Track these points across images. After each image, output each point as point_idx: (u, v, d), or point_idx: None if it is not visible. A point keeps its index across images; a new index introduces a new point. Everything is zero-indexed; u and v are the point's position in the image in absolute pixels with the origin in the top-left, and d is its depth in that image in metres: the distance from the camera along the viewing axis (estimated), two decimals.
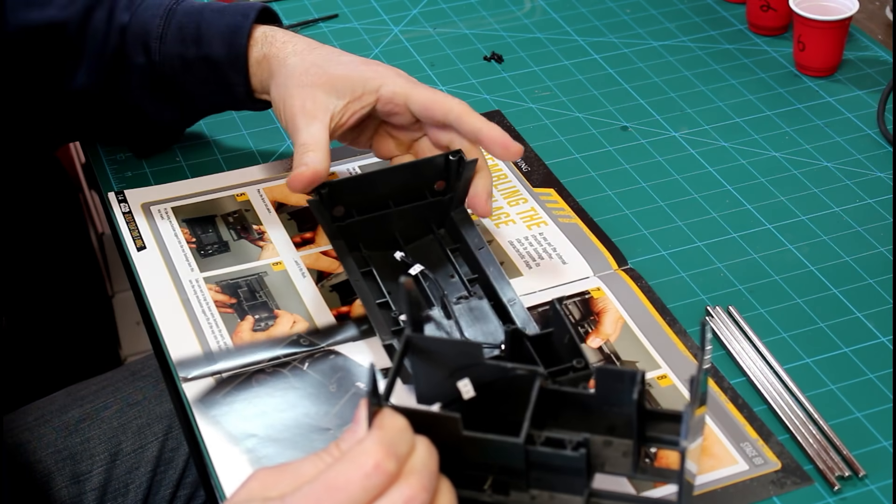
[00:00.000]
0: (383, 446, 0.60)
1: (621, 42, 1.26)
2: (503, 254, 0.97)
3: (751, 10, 1.25)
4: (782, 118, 1.14)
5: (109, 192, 1.05)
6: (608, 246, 0.98)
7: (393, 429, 0.61)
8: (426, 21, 1.30)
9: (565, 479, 0.68)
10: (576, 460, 0.66)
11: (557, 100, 1.17)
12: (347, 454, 0.60)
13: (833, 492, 0.78)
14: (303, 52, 0.95)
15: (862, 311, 0.92)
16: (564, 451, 0.67)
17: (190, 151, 1.11)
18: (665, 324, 0.90)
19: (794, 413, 0.83)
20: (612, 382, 0.69)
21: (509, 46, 1.25)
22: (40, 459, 1.06)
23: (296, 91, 0.93)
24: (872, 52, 1.22)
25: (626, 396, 0.69)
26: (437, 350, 0.70)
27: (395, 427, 0.61)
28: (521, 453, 0.66)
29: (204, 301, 0.93)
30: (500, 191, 1.04)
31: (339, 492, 0.58)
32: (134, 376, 1.13)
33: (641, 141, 1.11)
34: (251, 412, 0.83)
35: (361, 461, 0.59)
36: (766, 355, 0.87)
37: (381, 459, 0.59)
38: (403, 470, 0.60)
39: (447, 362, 0.69)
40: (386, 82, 0.94)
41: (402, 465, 0.60)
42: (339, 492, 0.58)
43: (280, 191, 1.04)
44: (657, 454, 0.80)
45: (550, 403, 0.70)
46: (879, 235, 0.99)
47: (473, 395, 0.69)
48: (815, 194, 1.04)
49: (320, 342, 0.89)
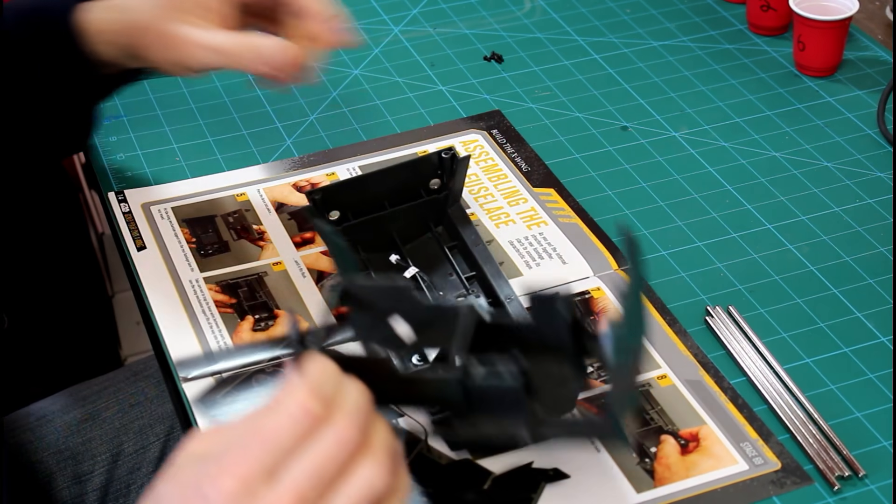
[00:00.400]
0: (308, 389, 0.59)
1: (621, 42, 1.26)
2: (503, 254, 0.97)
3: (751, 10, 1.25)
4: (782, 118, 1.14)
5: (109, 192, 1.05)
6: (608, 246, 0.98)
7: (318, 372, 0.61)
8: (426, 21, 1.30)
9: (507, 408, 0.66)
10: (514, 390, 0.65)
11: (557, 100, 1.17)
12: (274, 402, 0.60)
13: (833, 492, 0.78)
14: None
15: (862, 311, 0.92)
16: (502, 382, 0.65)
17: (190, 151, 1.11)
18: (665, 324, 0.90)
19: (794, 413, 0.83)
20: (545, 308, 0.68)
21: (509, 46, 1.25)
22: (42, 460, 1.06)
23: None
24: (872, 52, 1.22)
25: (559, 320, 0.68)
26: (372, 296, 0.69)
27: (319, 370, 0.61)
28: (458, 388, 0.65)
29: (204, 301, 0.93)
30: (500, 191, 1.04)
31: (269, 440, 0.58)
32: (136, 377, 1.13)
33: (641, 141, 1.11)
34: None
35: (288, 407, 0.59)
36: (766, 355, 0.87)
37: (307, 402, 0.59)
38: (332, 411, 0.60)
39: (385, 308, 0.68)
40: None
41: (331, 407, 0.60)
42: (269, 440, 0.58)
43: (280, 191, 1.04)
44: (657, 454, 0.80)
45: (489, 337, 0.69)
46: (879, 235, 0.99)
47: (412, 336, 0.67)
48: (815, 194, 1.04)
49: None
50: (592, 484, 0.78)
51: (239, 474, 0.58)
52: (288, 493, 0.58)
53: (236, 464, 0.58)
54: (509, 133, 1.12)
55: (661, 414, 0.83)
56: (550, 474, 0.79)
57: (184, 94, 1.19)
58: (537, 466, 0.80)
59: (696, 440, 0.81)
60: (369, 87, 1.19)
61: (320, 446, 0.59)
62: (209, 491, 0.58)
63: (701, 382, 0.85)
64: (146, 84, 1.21)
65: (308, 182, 1.05)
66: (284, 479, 0.58)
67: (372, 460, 0.60)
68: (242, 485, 0.58)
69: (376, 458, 0.60)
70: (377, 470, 0.59)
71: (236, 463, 0.58)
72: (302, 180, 1.06)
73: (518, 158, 1.08)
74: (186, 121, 1.15)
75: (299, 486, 0.58)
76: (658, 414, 0.83)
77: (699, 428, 0.82)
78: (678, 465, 0.79)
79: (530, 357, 0.69)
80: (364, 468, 0.59)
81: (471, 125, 1.13)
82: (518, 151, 1.09)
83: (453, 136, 1.11)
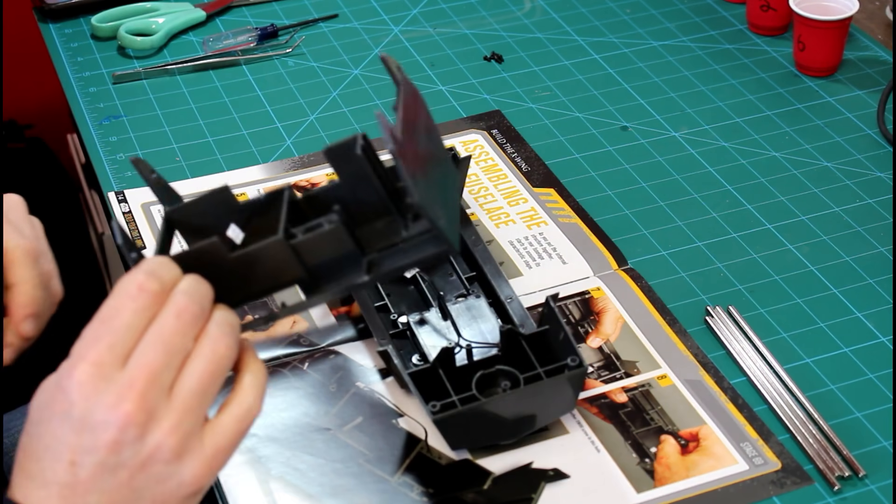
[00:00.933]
0: (143, 271, 0.62)
1: (621, 42, 1.26)
2: (503, 254, 0.97)
3: (751, 10, 1.25)
4: (782, 118, 1.14)
5: (109, 192, 1.05)
6: (608, 246, 0.98)
7: (152, 261, 0.63)
8: (426, 21, 1.30)
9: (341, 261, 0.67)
10: (336, 231, 0.66)
11: (557, 100, 1.17)
12: (112, 290, 0.63)
13: (833, 492, 0.78)
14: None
15: (862, 311, 0.92)
16: (322, 228, 0.66)
17: (190, 151, 1.11)
18: (665, 324, 0.90)
19: (794, 413, 0.83)
20: (344, 160, 0.68)
21: (509, 46, 1.25)
22: None
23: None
24: (872, 52, 1.22)
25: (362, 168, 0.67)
26: (197, 214, 0.69)
27: (153, 259, 0.64)
28: (287, 251, 0.66)
29: None
30: (500, 190, 1.04)
31: (112, 321, 0.61)
32: None
33: (641, 141, 1.11)
34: None
35: (125, 288, 0.62)
36: (766, 355, 0.87)
37: (143, 281, 0.62)
38: (170, 291, 0.62)
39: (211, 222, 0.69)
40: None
41: (168, 287, 0.62)
42: (113, 320, 0.61)
43: None
44: (657, 454, 0.80)
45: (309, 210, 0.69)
46: (879, 235, 0.99)
47: (243, 235, 0.68)
48: (815, 194, 1.04)
49: (320, 342, 0.89)
50: (592, 484, 0.78)
51: (90, 359, 0.60)
52: (140, 369, 0.60)
53: (86, 350, 0.61)
54: (509, 133, 1.12)
55: (661, 414, 0.83)
56: (550, 474, 0.79)
57: (184, 94, 1.19)
58: (537, 466, 0.80)
59: (696, 440, 0.81)
60: (369, 87, 1.19)
61: (162, 321, 0.61)
62: (66, 383, 0.60)
63: (701, 382, 0.85)
64: (146, 84, 1.21)
65: (308, 182, 1.05)
66: (134, 358, 0.60)
67: (215, 330, 0.62)
68: (96, 369, 0.60)
69: (220, 328, 0.62)
70: (221, 340, 0.62)
71: (86, 349, 0.61)
72: (302, 180, 1.06)
73: (518, 158, 1.08)
74: (186, 121, 1.16)
75: (149, 362, 0.60)
76: (658, 414, 0.83)
77: (699, 428, 0.82)
78: (678, 465, 0.79)
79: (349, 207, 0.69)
80: (207, 339, 0.62)
81: (471, 125, 1.13)
82: (518, 151, 1.09)
83: (453, 136, 1.11)
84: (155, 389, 0.60)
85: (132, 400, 0.60)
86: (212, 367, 0.62)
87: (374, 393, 0.85)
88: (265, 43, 1.26)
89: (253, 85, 1.20)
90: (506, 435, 0.81)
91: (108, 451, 0.60)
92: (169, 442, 0.60)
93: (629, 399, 0.84)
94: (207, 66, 1.23)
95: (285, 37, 1.27)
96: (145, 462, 0.60)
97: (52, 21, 1.32)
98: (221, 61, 1.24)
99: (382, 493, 0.78)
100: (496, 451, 0.81)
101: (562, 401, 0.81)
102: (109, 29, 1.28)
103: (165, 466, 0.60)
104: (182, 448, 0.60)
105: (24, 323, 0.77)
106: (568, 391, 0.80)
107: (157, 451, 0.60)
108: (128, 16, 1.29)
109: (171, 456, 0.60)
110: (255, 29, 1.26)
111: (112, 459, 0.60)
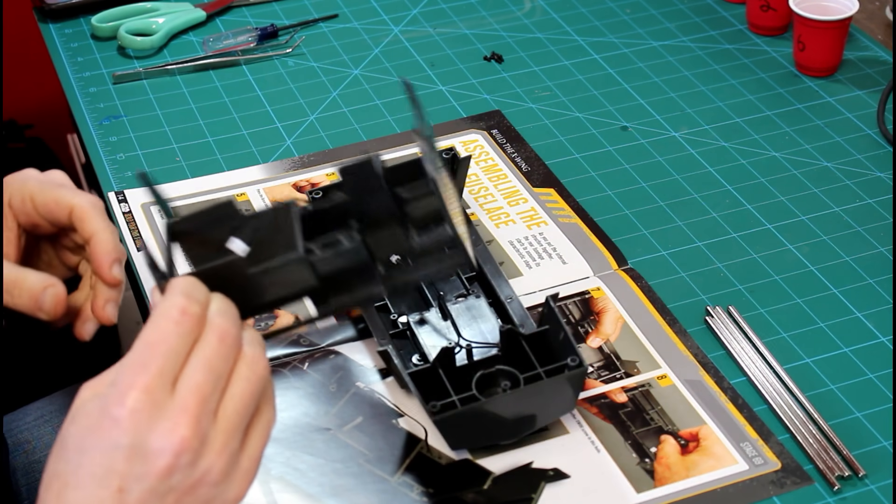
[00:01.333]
0: (182, 295, 0.62)
1: (621, 42, 1.26)
2: (503, 254, 0.97)
3: (751, 10, 1.25)
4: (782, 118, 1.14)
5: (109, 192, 1.05)
6: (608, 246, 0.98)
7: (185, 282, 0.64)
8: (426, 21, 1.30)
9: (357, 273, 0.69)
10: (357, 248, 0.67)
11: (557, 100, 1.17)
12: (152, 315, 0.63)
13: (833, 492, 0.78)
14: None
15: (862, 311, 0.92)
16: (343, 245, 0.67)
17: (190, 151, 1.11)
18: (665, 324, 0.90)
19: (794, 413, 0.83)
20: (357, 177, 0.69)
21: (509, 46, 1.25)
22: (40, 459, 1.06)
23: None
24: (872, 52, 1.22)
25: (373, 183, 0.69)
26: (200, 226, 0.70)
27: (185, 280, 0.64)
28: (306, 268, 0.66)
29: None
30: (500, 191, 1.04)
31: (158, 346, 0.61)
32: None
33: (641, 141, 1.11)
34: None
35: (167, 312, 0.62)
36: (766, 355, 0.87)
37: (185, 304, 0.62)
38: (207, 315, 0.63)
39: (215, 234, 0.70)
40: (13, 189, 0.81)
41: (205, 310, 0.63)
42: (159, 346, 0.61)
43: (280, 191, 1.04)
44: (657, 454, 0.80)
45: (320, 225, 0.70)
46: (879, 235, 0.99)
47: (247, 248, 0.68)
48: (815, 194, 1.04)
49: (320, 342, 0.89)
50: (592, 484, 0.78)
51: (141, 386, 0.60)
52: (190, 394, 0.60)
53: (135, 377, 0.60)
54: (509, 133, 1.12)
55: (661, 414, 0.83)
56: (550, 474, 0.79)
57: (184, 94, 1.19)
58: (537, 466, 0.80)
59: (696, 440, 0.81)
60: (369, 87, 1.19)
61: (207, 345, 0.62)
62: (116, 411, 0.60)
63: (701, 382, 0.85)
64: (146, 84, 1.21)
65: (308, 182, 1.05)
66: (182, 383, 0.61)
67: (252, 351, 0.63)
68: (148, 396, 0.60)
69: (254, 348, 0.63)
70: (260, 361, 0.63)
71: (134, 376, 0.60)
72: (302, 180, 1.06)
73: (518, 158, 1.08)
74: (186, 121, 1.16)
75: (199, 386, 0.60)
76: (658, 414, 0.83)
77: (699, 428, 0.82)
78: (678, 465, 0.79)
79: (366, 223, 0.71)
80: (246, 360, 0.63)
81: (471, 125, 1.13)
82: (518, 151, 1.09)
83: (453, 136, 1.11)
84: (206, 413, 0.61)
85: (187, 425, 0.60)
86: (252, 387, 0.63)
87: (374, 393, 0.85)
88: (265, 43, 1.26)
89: (253, 85, 1.20)
90: (506, 435, 0.81)
91: (159, 477, 0.60)
92: (218, 464, 0.61)
93: (629, 399, 0.84)
94: (207, 66, 1.23)
95: (285, 37, 1.27)
96: (194, 485, 0.61)
97: (52, 21, 1.32)
98: (221, 61, 1.24)
99: (382, 492, 0.78)
100: (496, 451, 0.81)
101: (562, 401, 0.81)
102: (109, 29, 1.28)
103: (212, 488, 0.61)
104: (228, 468, 0.61)
105: (112, 268, 0.79)
106: (568, 391, 0.80)
107: (206, 474, 0.61)
108: (128, 16, 1.29)
109: (220, 477, 0.61)
110: (255, 29, 1.26)
111: (163, 486, 0.60)
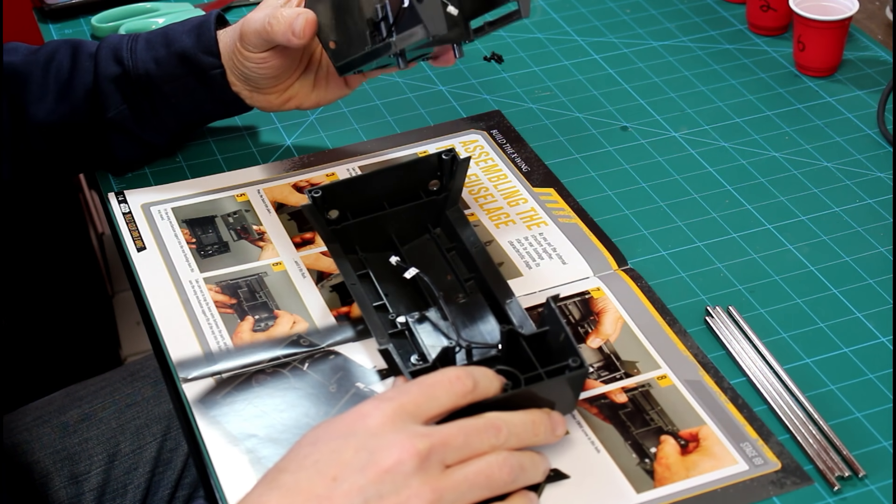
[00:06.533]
0: (466, 371, 0.74)
1: (621, 42, 1.26)
2: (503, 254, 0.97)
3: (751, 10, 1.25)
4: (782, 118, 1.14)
5: (109, 192, 1.05)
6: (608, 246, 0.98)
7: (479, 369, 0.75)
8: None
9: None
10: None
11: (557, 100, 1.17)
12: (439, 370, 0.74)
13: (833, 492, 0.78)
14: None
15: (862, 311, 0.92)
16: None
17: (190, 151, 1.11)
18: (665, 324, 0.90)
19: (794, 413, 0.83)
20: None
21: (509, 46, 1.25)
22: (38, 460, 1.06)
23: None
24: (872, 52, 1.22)
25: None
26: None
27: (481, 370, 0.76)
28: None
29: (204, 301, 0.93)
30: (500, 191, 1.04)
31: (427, 387, 0.72)
32: (132, 377, 1.14)
33: (641, 141, 1.11)
34: (251, 413, 0.83)
35: (448, 372, 0.74)
36: (766, 355, 0.87)
37: (463, 376, 0.73)
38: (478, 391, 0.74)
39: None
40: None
41: (479, 393, 0.73)
42: (428, 387, 0.72)
43: (280, 191, 1.04)
44: (657, 454, 0.80)
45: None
46: (879, 235, 0.99)
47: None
48: (815, 194, 1.04)
49: (320, 342, 0.89)
50: (592, 484, 0.78)
51: (399, 402, 0.70)
52: (437, 432, 0.70)
53: (397, 395, 0.71)
54: (509, 133, 1.12)
55: (661, 414, 0.83)
56: (550, 474, 0.79)
57: None
58: None
59: (696, 440, 0.81)
60: (369, 87, 1.19)
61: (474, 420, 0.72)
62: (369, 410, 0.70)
63: (701, 382, 0.85)
64: None
65: (308, 182, 1.05)
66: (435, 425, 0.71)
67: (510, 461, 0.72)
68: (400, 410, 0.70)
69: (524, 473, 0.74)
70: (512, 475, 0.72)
71: (398, 394, 0.71)
72: (302, 180, 1.06)
73: (518, 158, 1.08)
74: None
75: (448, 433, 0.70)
76: (658, 414, 0.83)
77: (699, 428, 0.82)
78: (678, 466, 0.79)
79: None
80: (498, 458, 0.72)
81: (471, 125, 1.13)
82: (518, 151, 1.09)
83: (453, 137, 1.11)
84: (442, 452, 0.69)
85: (424, 444, 0.68)
86: (484, 480, 0.70)
87: (373, 394, 0.85)
88: None
89: None
90: None
91: (375, 476, 0.67)
92: (424, 493, 0.67)
93: (629, 399, 0.84)
94: None
95: None
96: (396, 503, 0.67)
97: (52, 21, 1.32)
98: None
99: None
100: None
101: (563, 401, 0.81)
102: (109, 29, 1.28)
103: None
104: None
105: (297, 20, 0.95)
106: (569, 392, 0.80)
107: (411, 497, 0.66)
108: (128, 16, 1.29)
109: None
110: None
111: (372, 488, 0.66)
